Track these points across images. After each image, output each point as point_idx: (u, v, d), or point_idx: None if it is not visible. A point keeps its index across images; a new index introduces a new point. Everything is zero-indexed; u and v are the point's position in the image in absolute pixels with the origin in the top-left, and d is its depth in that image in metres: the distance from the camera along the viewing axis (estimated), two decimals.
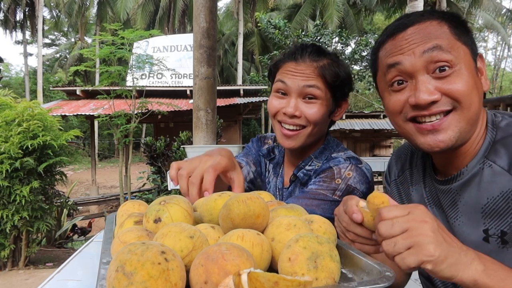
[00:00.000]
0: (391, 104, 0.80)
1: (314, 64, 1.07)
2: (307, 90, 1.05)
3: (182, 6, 22.35)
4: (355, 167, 1.07)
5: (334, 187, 1.04)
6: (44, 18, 23.97)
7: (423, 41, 0.75)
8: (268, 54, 15.48)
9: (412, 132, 0.78)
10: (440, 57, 0.73)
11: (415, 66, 0.74)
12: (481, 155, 0.77)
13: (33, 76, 26.06)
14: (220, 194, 0.77)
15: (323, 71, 1.06)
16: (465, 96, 0.73)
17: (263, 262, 0.60)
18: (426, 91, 0.73)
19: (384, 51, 0.81)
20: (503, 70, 30.32)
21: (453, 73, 0.73)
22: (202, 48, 3.58)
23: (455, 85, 0.73)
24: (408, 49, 0.76)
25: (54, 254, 5.50)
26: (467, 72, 0.74)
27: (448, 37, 0.75)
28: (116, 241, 0.64)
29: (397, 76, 0.78)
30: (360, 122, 14.24)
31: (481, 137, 0.79)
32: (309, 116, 1.06)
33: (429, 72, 0.74)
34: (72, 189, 8.35)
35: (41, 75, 20.28)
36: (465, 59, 0.74)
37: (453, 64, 0.73)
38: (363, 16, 19.79)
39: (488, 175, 0.75)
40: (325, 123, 1.12)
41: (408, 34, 0.77)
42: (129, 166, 7.56)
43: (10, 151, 4.34)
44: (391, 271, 0.57)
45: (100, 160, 23.66)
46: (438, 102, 0.74)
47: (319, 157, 1.14)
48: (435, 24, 0.76)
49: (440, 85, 0.73)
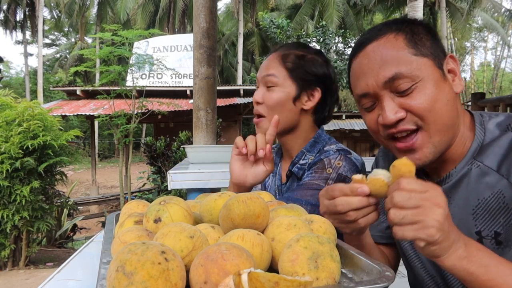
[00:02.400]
0: (368, 123, 0.84)
1: (277, 53, 1.19)
2: (266, 78, 1.16)
3: (182, 6, 22.35)
4: (344, 157, 1.11)
5: (325, 176, 1.08)
6: (44, 18, 23.99)
7: (381, 66, 0.76)
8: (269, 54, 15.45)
9: (394, 150, 0.81)
10: (401, 87, 0.74)
11: (378, 90, 0.77)
12: (469, 157, 0.78)
13: (33, 76, 26.08)
14: (220, 194, 0.77)
15: (283, 58, 1.16)
16: (427, 112, 0.74)
17: (263, 262, 0.60)
18: (391, 110, 0.75)
19: (352, 72, 0.84)
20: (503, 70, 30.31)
21: (415, 89, 0.74)
22: (202, 48, 3.58)
23: (417, 101, 0.74)
24: (369, 73, 0.78)
25: (54, 254, 5.50)
26: (430, 85, 0.74)
27: (405, 56, 0.75)
28: (116, 241, 0.64)
29: (367, 103, 0.81)
30: (360, 122, 14.24)
31: (468, 139, 0.79)
32: (266, 100, 1.15)
33: (392, 91, 0.76)
34: (72, 189, 8.35)
35: (41, 75, 20.29)
36: (427, 72, 0.74)
37: (415, 81, 0.74)
38: (363, 16, 19.79)
39: (476, 175, 0.76)
40: (288, 109, 1.16)
41: (367, 53, 0.79)
42: (129, 166, 7.57)
43: (11, 151, 4.34)
44: (391, 271, 0.57)
45: (100, 160, 23.67)
46: (404, 119, 0.75)
47: (311, 150, 1.18)
48: (392, 38, 0.77)
49: (403, 101, 0.75)
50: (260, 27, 19.35)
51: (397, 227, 0.62)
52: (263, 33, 21.06)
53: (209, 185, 2.43)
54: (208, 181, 2.43)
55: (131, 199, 7.17)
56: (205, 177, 2.41)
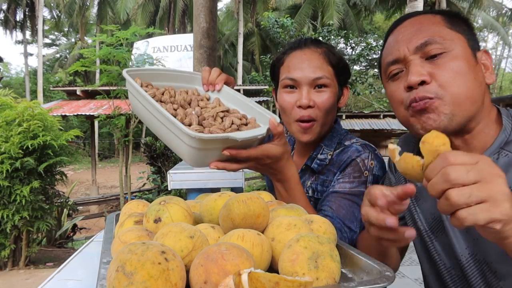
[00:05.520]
0: (390, 94, 0.84)
1: (318, 50, 1.11)
2: (317, 82, 1.08)
3: (182, 6, 22.35)
4: (374, 154, 1.09)
5: (364, 180, 1.05)
6: (44, 18, 23.99)
7: (416, 34, 0.78)
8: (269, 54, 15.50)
9: (411, 118, 0.80)
10: (432, 51, 0.76)
11: (408, 55, 0.78)
12: (496, 146, 0.76)
13: (33, 76, 26.07)
14: (220, 194, 0.77)
15: (328, 55, 1.10)
16: (451, 82, 0.74)
17: (264, 262, 0.60)
18: (417, 72, 0.76)
19: (387, 45, 0.86)
20: (503, 70, 30.30)
21: (445, 57, 0.75)
22: (202, 48, 3.58)
23: (444, 69, 0.75)
24: (403, 41, 0.80)
25: (54, 254, 5.50)
26: (461, 58, 0.75)
27: (440, 27, 0.78)
28: (116, 241, 0.64)
29: (394, 69, 0.82)
30: (360, 122, 14.25)
31: (495, 131, 0.78)
32: (320, 104, 1.08)
33: (423, 56, 0.77)
34: (72, 189, 8.35)
35: (41, 75, 20.28)
36: (460, 46, 0.76)
37: (446, 50, 0.75)
38: (363, 16, 19.80)
39: (504, 164, 0.73)
40: (334, 110, 1.14)
41: (404, 26, 0.82)
42: (129, 166, 7.56)
43: (11, 151, 4.34)
44: (391, 271, 0.57)
45: (100, 160, 23.66)
46: (427, 85, 0.75)
47: (329, 145, 1.15)
48: (430, 16, 0.81)
49: (431, 68, 0.76)
50: (261, 27, 19.34)
51: (464, 211, 0.51)
52: (263, 33, 21.07)
53: (209, 185, 2.44)
54: (208, 181, 2.43)
55: (131, 199, 7.17)
56: (205, 177, 2.42)
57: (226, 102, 0.97)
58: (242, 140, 0.77)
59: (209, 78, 1.00)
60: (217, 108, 0.90)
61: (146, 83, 0.91)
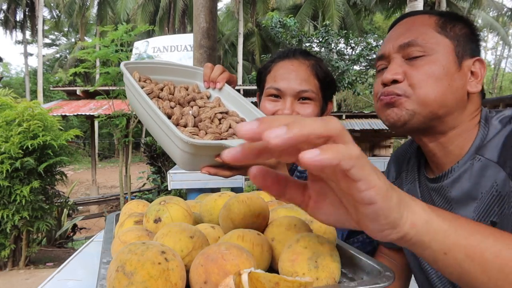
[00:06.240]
0: (374, 86, 0.87)
1: (306, 62, 1.10)
2: (302, 94, 1.07)
3: (182, 6, 22.35)
4: None
5: None
6: (44, 18, 23.99)
7: (403, 33, 0.80)
8: (270, 54, 15.51)
9: (379, 111, 0.83)
10: (412, 53, 0.78)
11: (392, 53, 0.81)
12: (472, 152, 0.77)
13: (33, 76, 26.07)
14: (220, 194, 0.77)
15: (315, 68, 1.09)
16: (421, 84, 0.75)
17: (264, 262, 0.60)
18: (392, 70, 0.78)
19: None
20: (503, 70, 30.30)
21: (424, 60, 0.76)
22: (202, 48, 3.58)
23: (419, 71, 0.76)
24: (392, 39, 0.82)
25: (54, 254, 5.50)
26: (439, 63, 0.75)
27: (428, 29, 0.78)
28: (116, 241, 0.64)
29: (380, 65, 0.85)
30: (360, 122, 14.24)
31: (473, 134, 0.79)
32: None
33: (404, 56, 0.79)
34: (72, 189, 8.35)
35: (41, 75, 20.29)
36: (443, 51, 0.76)
37: (426, 54, 0.76)
38: (363, 16, 19.81)
39: (478, 169, 0.75)
40: None
41: (399, 24, 0.85)
42: (129, 166, 7.56)
43: (11, 151, 4.34)
44: (391, 271, 0.57)
45: (100, 160, 23.66)
46: (398, 83, 0.77)
47: None
48: (425, 16, 0.81)
49: (408, 68, 0.78)
50: (261, 27, 19.34)
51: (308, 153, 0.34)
52: (263, 33, 21.06)
53: (209, 185, 2.44)
54: (208, 181, 2.43)
55: (131, 199, 7.17)
56: (205, 177, 2.42)
57: (226, 103, 0.95)
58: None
59: (211, 75, 0.98)
60: (216, 109, 0.88)
61: (145, 78, 0.88)
